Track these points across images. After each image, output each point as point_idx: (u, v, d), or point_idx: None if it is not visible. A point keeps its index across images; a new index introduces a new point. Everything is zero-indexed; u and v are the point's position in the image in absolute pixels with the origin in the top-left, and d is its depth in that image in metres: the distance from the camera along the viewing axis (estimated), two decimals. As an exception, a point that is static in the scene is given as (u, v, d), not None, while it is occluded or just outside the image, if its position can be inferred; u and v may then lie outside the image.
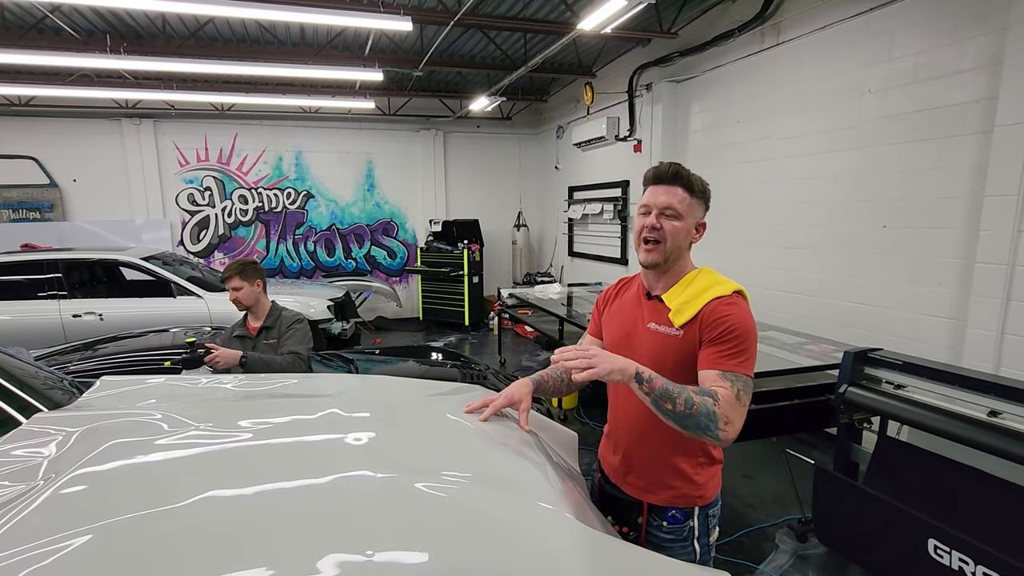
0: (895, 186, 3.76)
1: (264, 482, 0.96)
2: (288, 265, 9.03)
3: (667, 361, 1.38)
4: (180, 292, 5.28)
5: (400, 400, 1.46)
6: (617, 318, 1.57)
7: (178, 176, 8.35)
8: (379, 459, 1.04)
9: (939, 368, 2.57)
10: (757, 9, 4.74)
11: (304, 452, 1.11)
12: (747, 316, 1.36)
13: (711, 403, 1.23)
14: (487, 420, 1.27)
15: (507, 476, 1.00)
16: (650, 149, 6.31)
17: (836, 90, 4.19)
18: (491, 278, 9.31)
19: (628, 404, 1.49)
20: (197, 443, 1.13)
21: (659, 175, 1.42)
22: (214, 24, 5.72)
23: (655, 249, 1.40)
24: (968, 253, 3.28)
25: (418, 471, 0.99)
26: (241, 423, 1.22)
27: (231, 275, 2.76)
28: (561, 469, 1.24)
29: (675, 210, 1.38)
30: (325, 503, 0.89)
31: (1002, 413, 2.29)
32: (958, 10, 3.35)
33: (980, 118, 3.22)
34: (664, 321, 1.42)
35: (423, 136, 9.25)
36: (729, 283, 1.42)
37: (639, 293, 1.54)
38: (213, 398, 1.47)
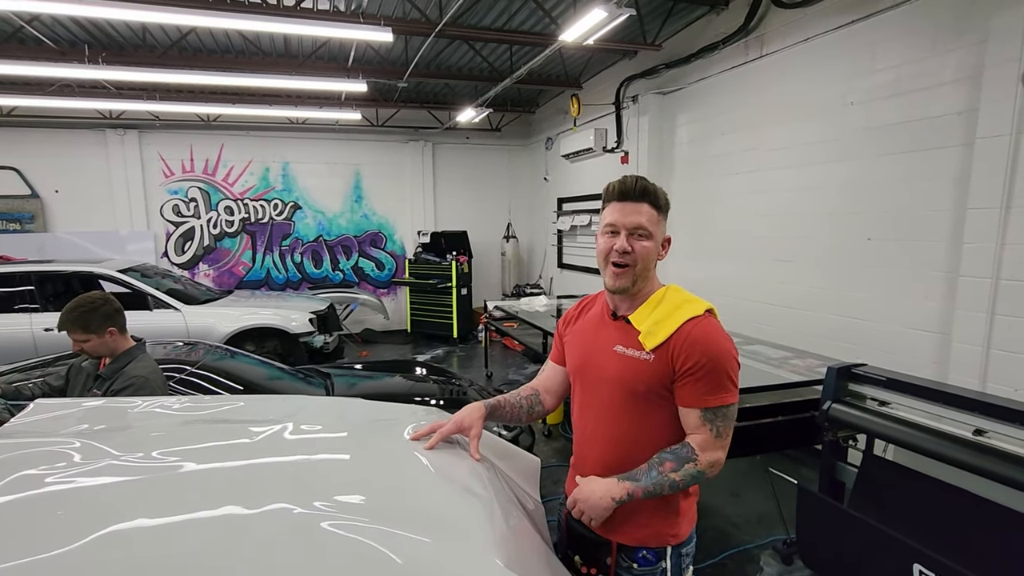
0: (880, 198, 3.72)
1: (171, 515, 0.88)
2: (274, 277, 8.92)
3: (637, 386, 1.31)
4: (157, 305, 5.17)
5: (349, 425, 1.37)
6: (580, 341, 1.48)
7: (163, 187, 8.26)
8: (303, 491, 0.96)
9: (923, 384, 2.50)
10: (741, 22, 4.74)
11: (224, 482, 1.03)
12: (724, 338, 1.29)
13: (693, 468, 1.21)
14: (433, 448, 1.19)
15: (440, 515, 0.92)
16: (637, 160, 6.28)
17: (820, 102, 4.16)
18: (481, 290, 9.23)
19: (596, 432, 1.41)
20: (110, 475, 1.04)
21: (626, 191, 1.31)
22: (196, 35, 5.68)
23: (624, 273, 1.31)
24: (952, 266, 3.24)
25: (342, 507, 0.90)
26: (165, 451, 1.13)
27: (67, 328, 2.15)
28: (513, 503, 1.15)
29: (646, 230, 1.30)
30: (227, 539, 0.82)
31: (987, 432, 2.22)
32: (938, 22, 3.33)
33: (962, 130, 3.19)
34: (633, 344, 1.33)
35: (412, 147, 9.21)
36: (699, 301, 1.34)
37: (603, 313, 1.45)
38: (146, 423, 1.38)
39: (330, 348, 5.87)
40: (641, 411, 1.33)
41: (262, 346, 5.46)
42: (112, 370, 2.17)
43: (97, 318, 2.13)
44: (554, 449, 4.54)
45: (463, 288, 8.45)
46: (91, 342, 2.15)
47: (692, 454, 1.23)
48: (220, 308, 5.55)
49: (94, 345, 2.16)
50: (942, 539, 2.31)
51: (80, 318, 2.12)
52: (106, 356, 2.22)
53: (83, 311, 2.12)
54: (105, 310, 2.16)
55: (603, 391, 1.38)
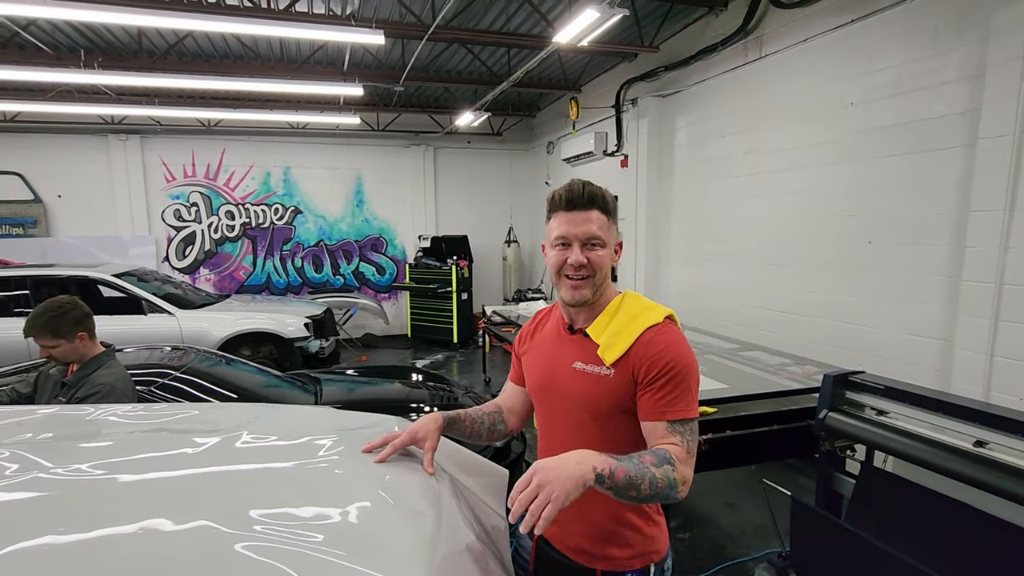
0: (880, 201, 3.63)
1: (81, 532, 0.83)
2: (275, 281, 8.92)
3: (601, 405, 1.23)
4: (151, 310, 5.16)
5: (303, 435, 1.31)
6: (537, 359, 1.38)
7: (164, 192, 8.29)
8: (226, 507, 0.90)
9: (921, 393, 2.41)
10: (739, 23, 4.67)
11: (147, 496, 0.97)
12: (685, 347, 1.21)
13: (671, 471, 1.07)
14: (384, 461, 1.12)
15: (371, 534, 0.86)
16: (636, 164, 6.21)
17: (819, 103, 4.08)
18: (482, 294, 9.17)
19: (563, 452, 1.32)
20: (31, 490, 0.99)
21: (573, 199, 1.22)
22: (194, 39, 5.69)
23: (584, 285, 1.22)
24: (955, 271, 3.14)
25: (264, 525, 0.84)
26: (98, 463, 1.08)
27: (34, 334, 2.07)
28: (466, 523, 1.08)
29: (599, 239, 1.21)
30: (129, 559, 0.76)
31: (988, 443, 2.12)
32: (939, 21, 3.25)
33: (964, 130, 3.10)
34: (592, 359, 1.24)
35: (413, 152, 9.19)
36: (658, 308, 1.26)
37: (559, 327, 1.36)
38: (94, 432, 1.33)
39: (326, 353, 5.84)
40: (607, 431, 1.23)
41: (257, 351, 5.43)
42: (78, 377, 2.11)
43: (66, 323, 2.07)
44: (549, 457, 4.45)
45: (463, 293, 8.40)
46: (60, 348, 2.08)
47: (670, 457, 1.10)
48: (215, 312, 5.53)
49: (63, 351, 2.10)
50: (943, 555, 2.22)
51: (49, 323, 2.05)
52: (74, 362, 2.16)
53: (51, 316, 2.06)
54: (74, 314, 2.10)
55: (565, 412, 1.29)
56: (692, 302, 5.51)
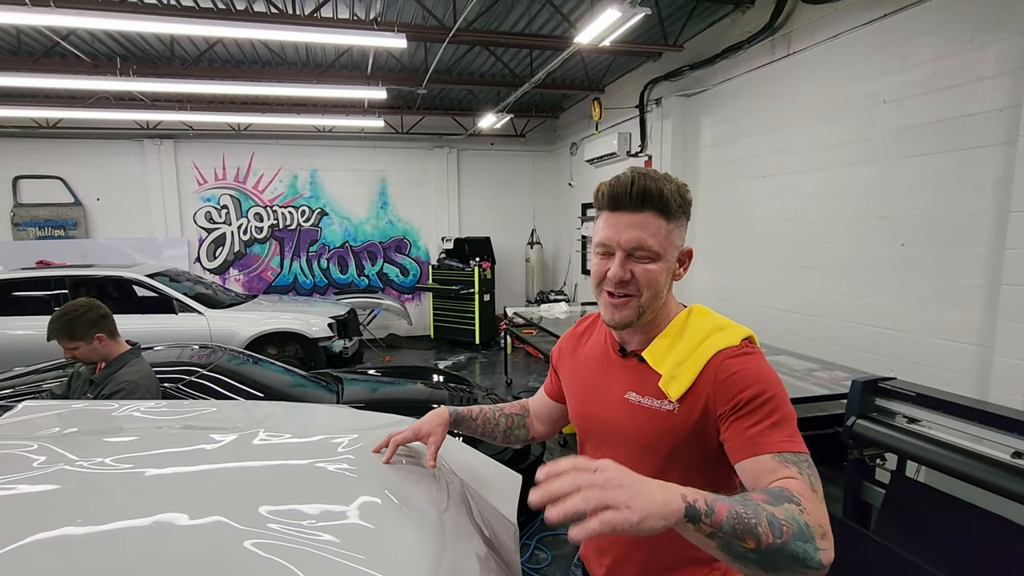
0: (914, 201, 3.50)
1: (99, 524, 0.86)
2: (301, 282, 9.09)
3: (660, 447, 1.00)
4: (182, 309, 5.31)
5: (319, 434, 1.33)
6: (580, 383, 1.16)
7: (196, 195, 8.53)
8: (242, 504, 0.91)
9: (956, 401, 2.31)
10: (766, 20, 4.57)
11: (168, 491, 0.99)
12: (771, 371, 0.96)
13: (797, 512, 0.75)
14: (390, 460, 1.12)
15: (379, 538, 0.86)
16: (660, 165, 6.13)
17: (850, 101, 3.96)
18: (505, 296, 9.19)
19: None
20: (55, 482, 1.02)
21: (618, 196, 0.98)
22: (223, 45, 5.84)
23: (625, 304, 0.99)
24: (994, 274, 3.00)
25: (273, 521, 0.85)
26: (121, 457, 1.11)
27: (54, 337, 2.14)
28: (471, 528, 1.08)
29: (649, 250, 0.97)
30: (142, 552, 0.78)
31: (1029, 454, 2.03)
32: (977, 13, 3.12)
33: (1003, 128, 2.97)
34: (650, 391, 1.01)
35: (436, 154, 9.26)
36: (734, 327, 1.03)
37: (608, 347, 1.12)
38: (119, 427, 1.37)
39: (349, 353, 5.92)
40: (665, 472, 0.96)
41: (283, 350, 5.54)
42: (104, 375, 2.18)
43: (82, 325, 2.12)
44: (569, 460, 4.42)
45: (486, 294, 8.42)
46: (80, 349, 2.15)
47: (790, 494, 0.79)
48: (242, 312, 5.66)
49: (84, 352, 2.16)
50: (977, 570, 2.12)
51: (65, 326, 2.11)
52: (100, 361, 2.23)
53: (67, 319, 2.12)
54: (90, 316, 2.14)
55: (615, 449, 1.05)
56: (717, 304, 5.38)
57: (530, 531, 3.32)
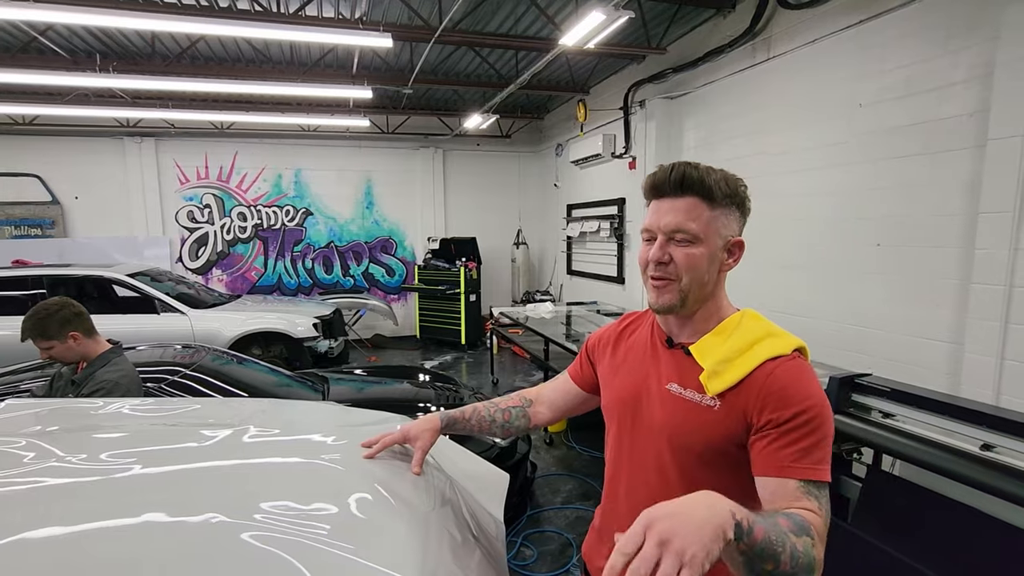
0: (889, 203, 3.60)
1: (94, 520, 0.86)
2: (286, 282, 9.01)
3: (693, 442, 1.00)
4: (164, 309, 5.24)
5: (307, 431, 1.34)
6: (622, 372, 1.17)
7: (178, 194, 8.41)
8: (237, 500, 0.92)
9: (928, 396, 2.39)
10: (747, 24, 4.66)
11: (160, 488, 1.00)
12: (819, 391, 0.96)
13: (811, 546, 0.79)
14: (373, 457, 1.13)
15: (371, 530, 0.87)
16: (644, 166, 6.21)
17: (828, 104, 4.05)
18: (491, 296, 9.20)
19: (632, 493, 1.10)
20: (46, 476, 1.02)
21: (658, 184, 1.03)
22: (206, 43, 5.78)
23: (667, 287, 1.02)
24: (964, 273, 3.10)
25: (268, 515, 0.87)
26: (112, 454, 1.11)
27: (28, 337, 2.10)
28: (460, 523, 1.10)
29: (688, 232, 0.99)
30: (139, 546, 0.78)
31: (996, 447, 2.10)
32: (951, 19, 3.22)
33: (973, 131, 3.06)
34: (692, 384, 1.03)
35: (422, 154, 9.25)
36: (786, 336, 1.02)
37: (655, 339, 1.14)
38: (103, 425, 1.36)
39: (335, 353, 5.89)
40: (693, 473, 1.01)
41: (268, 350, 5.50)
42: (85, 374, 2.15)
43: (54, 324, 2.09)
44: (555, 458, 4.47)
45: (472, 294, 8.43)
46: (55, 348, 2.11)
47: (809, 527, 0.82)
48: (226, 312, 5.60)
49: (60, 351, 2.13)
50: (950, 559, 2.19)
51: (36, 325, 2.08)
52: (80, 361, 2.20)
53: (39, 318, 2.08)
54: (62, 315, 2.10)
55: (645, 441, 1.08)
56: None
57: (516, 528, 3.35)
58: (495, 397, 1.42)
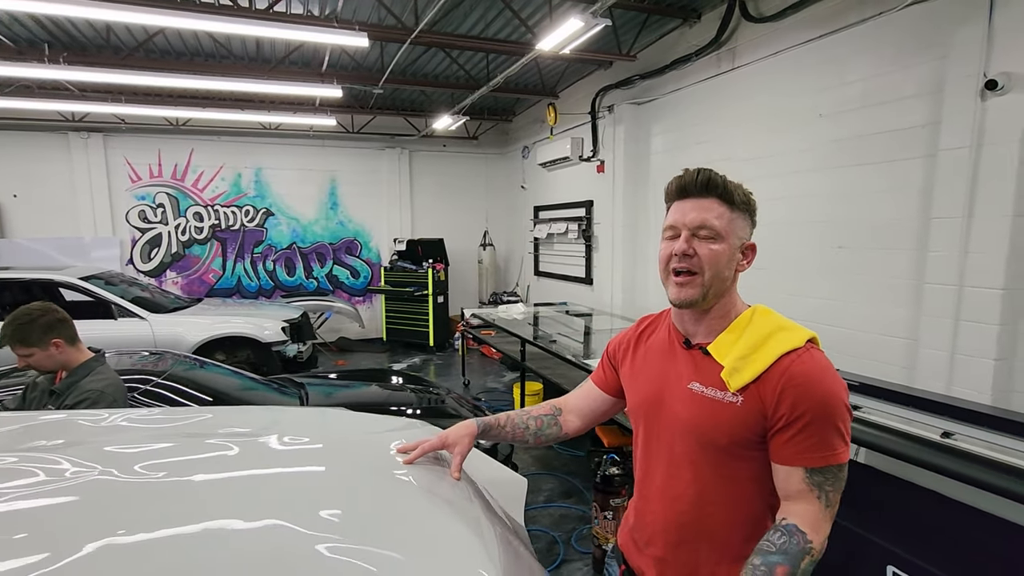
0: (850, 208, 3.82)
1: (165, 528, 0.84)
2: (246, 285, 8.71)
3: (718, 437, 1.06)
4: (122, 314, 4.99)
5: (333, 437, 1.32)
6: (644, 374, 1.23)
7: (129, 192, 8.00)
8: (295, 507, 0.91)
9: (890, 388, 2.57)
10: (713, 35, 4.84)
11: (217, 495, 0.97)
12: (833, 379, 1.03)
13: (809, 563, 0.96)
14: (412, 463, 1.13)
15: (433, 533, 0.89)
16: (613, 169, 6.34)
17: (791, 113, 4.26)
18: (457, 297, 9.17)
19: (665, 488, 1.15)
20: (90, 489, 0.97)
21: (685, 186, 1.10)
22: (164, 36, 5.54)
23: (690, 282, 1.08)
24: (919, 274, 3.33)
25: (332, 525, 0.86)
26: (147, 465, 1.07)
27: (7, 343, 2.01)
28: (500, 524, 1.12)
29: (712, 229, 1.06)
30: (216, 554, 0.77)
31: (955, 434, 2.28)
32: (903, 37, 3.45)
33: (925, 142, 3.30)
34: (713, 382, 1.08)
35: (388, 154, 9.13)
36: (797, 328, 1.09)
37: (673, 340, 1.20)
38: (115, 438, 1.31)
39: (304, 357, 5.74)
40: (722, 465, 1.08)
41: (233, 356, 5.31)
42: (67, 384, 2.03)
43: (36, 330, 1.98)
44: (535, 458, 4.51)
45: (440, 296, 8.39)
46: (35, 356, 2.00)
47: (806, 543, 0.95)
48: (189, 316, 5.38)
49: (39, 359, 2.01)
50: (913, 540, 2.36)
51: (18, 331, 1.97)
52: (59, 370, 2.08)
53: (20, 324, 1.97)
54: (45, 321, 2.00)
55: (673, 439, 1.14)
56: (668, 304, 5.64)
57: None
58: (468, 399, 1.47)
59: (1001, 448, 2.11)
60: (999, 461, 2.00)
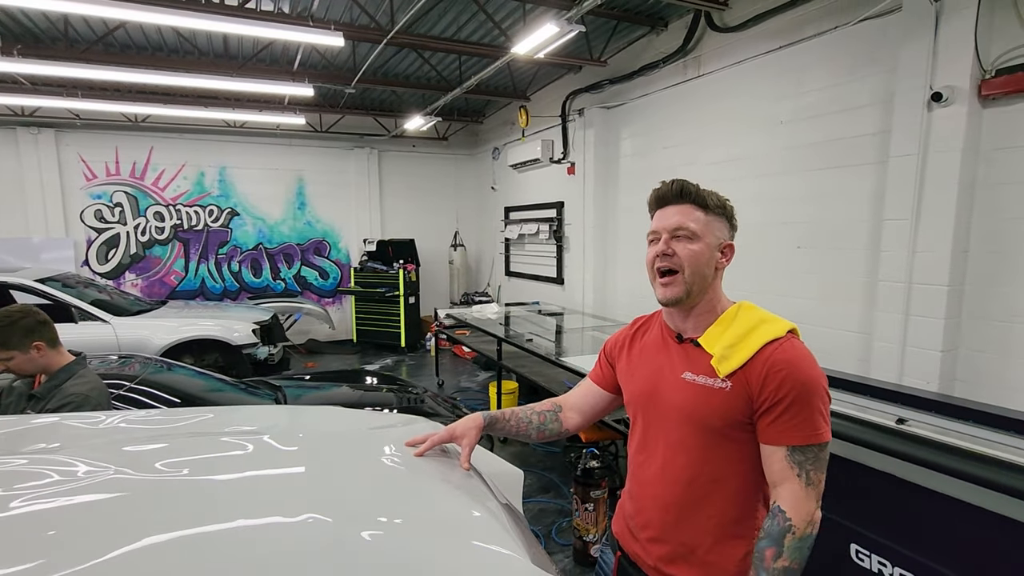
0: (808, 210, 4.04)
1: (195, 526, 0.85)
2: (210, 287, 8.48)
3: (712, 420, 1.16)
4: (83, 317, 4.81)
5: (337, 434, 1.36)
6: (640, 368, 1.32)
7: (84, 191, 7.68)
8: (322, 501, 0.95)
9: (849, 379, 2.75)
10: (679, 43, 5.02)
11: (239, 493, 0.99)
12: (811, 364, 1.14)
13: (793, 540, 1.05)
14: (423, 455, 1.18)
15: (460, 520, 0.94)
16: (583, 172, 6.48)
17: (753, 120, 4.47)
18: (428, 298, 9.16)
19: (664, 471, 1.23)
20: (110, 488, 0.98)
21: (662, 195, 1.23)
22: (125, 30, 5.36)
23: (673, 282, 1.19)
24: (872, 272, 3.57)
25: (360, 516, 0.90)
26: (168, 463, 1.08)
27: None
28: (510, 511, 1.19)
29: (689, 230, 1.18)
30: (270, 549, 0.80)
31: (908, 420, 2.47)
32: (856, 51, 3.68)
33: (877, 149, 3.53)
34: (704, 370, 1.18)
35: (357, 154, 9.05)
36: (779, 320, 1.20)
37: (665, 336, 1.30)
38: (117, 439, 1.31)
39: (275, 360, 5.66)
40: (716, 446, 1.17)
41: (201, 359, 5.19)
42: (47, 388, 1.98)
43: (17, 333, 1.94)
44: (510, 454, 4.59)
45: (411, 297, 8.37)
46: (15, 360, 1.96)
47: (786, 523, 1.06)
48: (154, 319, 5.22)
49: (19, 363, 1.97)
50: (873, 520, 2.54)
51: None
52: (39, 374, 2.04)
53: (0, 327, 1.93)
54: (25, 323, 1.96)
55: (669, 425, 1.23)
56: (639, 302, 5.82)
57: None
58: (442, 399, 1.53)
59: (950, 432, 2.30)
60: (949, 444, 2.19)
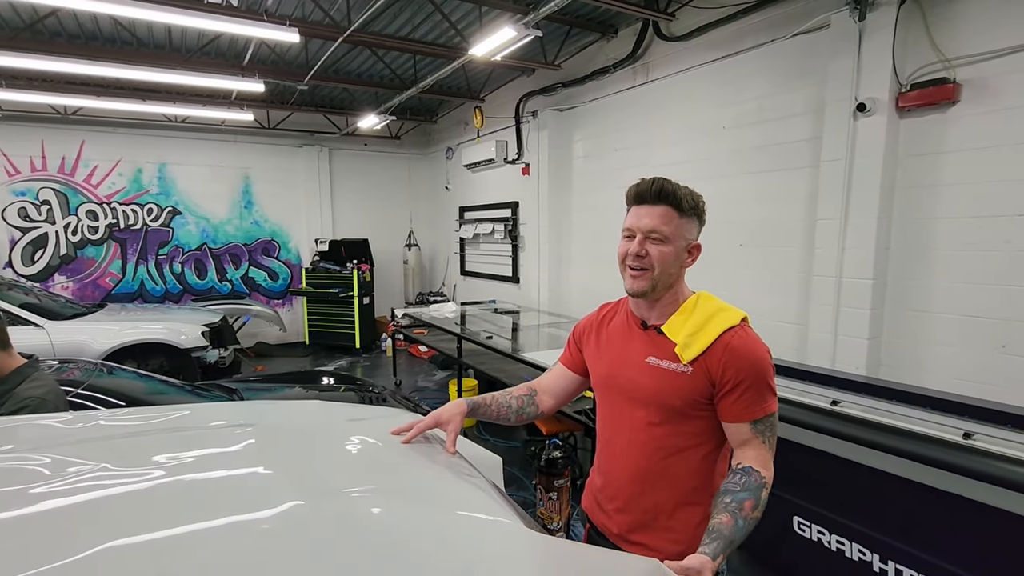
0: (750, 210, 4.32)
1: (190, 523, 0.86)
2: (150, 289, 8.07)
3: (675, 401, 1.27)
4: (13, 321, 4.50)
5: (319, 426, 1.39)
6: (607, 351, 1.42)
7: (6, 187, 7.16)
8: (316, 488, 0.98)
9: (789, 366, 2.99)
10: (629, 50, 5.23)
11: (232, 487, 1.01)
12: (762, 348, 1.28)
13: (765, 494, 1.17)
14: (409, 443, 1.24)
15: (459, 496, 1.00)
16: (538, 172, 6.61)
17: (699, 125, 4.72)
18: (383, 298, 9.07)
19: (630, 448, 1.34)
20: (97, 485, 0.98)
21: (641, 194, 1.30)
22: (57, 17, 5.06)
23: (641, 276, 1.29)
24: (807, 268, 3.86)
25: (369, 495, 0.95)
26: (162, 458, 1.08)
27: None
28: (498, 490, 1.26)
29: (661, 234, 1.26)
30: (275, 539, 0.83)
31: (841, 402, 2.72)
32: (789, 64, 3.98)
33: (811, 154, 3.83)
34: (668, 356, 1.29)
35: (306, 152, 8.84)
36: (733, 310, 1.32)
37: (630, 322, 1.40)
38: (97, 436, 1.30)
39: (226, 363, 5.48)
40: (677, 422, 1.29)
41: (145, 364, 4.96)
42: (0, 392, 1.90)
43: None
44: (471, 451, 4.64)
45: (365, 297, 8.27)
46: None
47: (761, 479, 1.18)
48: (93, 323, 4.95)
49: None
50: (812, 494, 2.77)
51: None
52: None
53: None
54: None
55: (634, 405, 1.34)
56: (593, 299, 5.99)
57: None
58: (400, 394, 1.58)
59: (878, 411, 2.54)
60: (877, 422, 2.42)
